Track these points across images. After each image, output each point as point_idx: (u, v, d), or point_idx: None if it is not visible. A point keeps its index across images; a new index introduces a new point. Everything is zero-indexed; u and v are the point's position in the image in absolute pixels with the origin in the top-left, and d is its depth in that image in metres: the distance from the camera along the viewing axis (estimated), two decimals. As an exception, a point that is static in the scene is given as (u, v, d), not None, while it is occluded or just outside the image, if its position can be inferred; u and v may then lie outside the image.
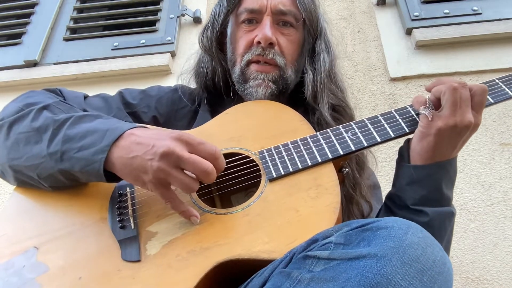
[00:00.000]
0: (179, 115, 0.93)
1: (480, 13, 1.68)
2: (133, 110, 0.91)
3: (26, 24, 1.99)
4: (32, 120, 0.74)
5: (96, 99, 0.92)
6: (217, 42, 0.94)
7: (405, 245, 0.47)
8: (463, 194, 1.39)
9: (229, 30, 0.93)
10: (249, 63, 0.87)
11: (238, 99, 0.93)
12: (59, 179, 0.71)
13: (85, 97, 0.91)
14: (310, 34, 0.92)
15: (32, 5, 2.06)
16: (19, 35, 1.97)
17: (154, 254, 0.63)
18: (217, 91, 0.96)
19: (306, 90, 0.88)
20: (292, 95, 0.93)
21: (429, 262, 0.48)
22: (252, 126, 0.80)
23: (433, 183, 0.73)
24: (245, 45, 0.87)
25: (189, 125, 0.91)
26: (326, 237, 0.52)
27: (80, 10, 2.06)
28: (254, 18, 0.88)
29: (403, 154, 0.77)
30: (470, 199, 1.38)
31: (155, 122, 0.91)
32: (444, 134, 0.69)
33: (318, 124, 0.86)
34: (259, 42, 0.84)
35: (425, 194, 0.73)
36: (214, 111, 0.91)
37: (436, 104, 0.71)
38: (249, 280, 0.58)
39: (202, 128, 0.83)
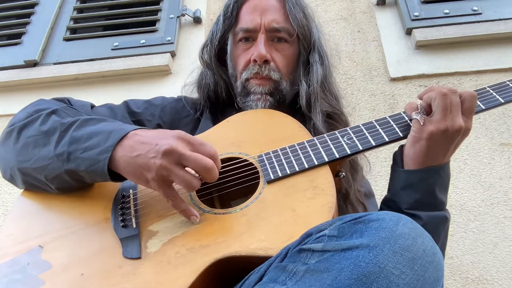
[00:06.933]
0: (182, 123, 0.97)
1: (480, 13, 1.68)
2: (138, 118, 0.94)
3: (26, 24, 1.99)
4: (41, 124, 0.76)
5: (102, 108, 0.95)
6: (216, 58, 0.99)
7: (396, 235, 0.49)
8: (463, 194, 1.39)
9: (228, 48, 0.99)
10: (247, 79, 0.93)
11: (241, 109, 0.97)
12: (65, 179, 0.73)
13: (92, 106, 0.95)
14: (304, 47, 0.96)
15: (32, 5, 2.06)
16: (19, 35, 1.96)
17: (154, 252, 0.64)
18: (219, 101, 1.01)
19: (300, 100, 0.93)
20: (292, 105, 0.97)
21: (420, 251, 0.49)
22: (252, 133, 0.82)
23: (426, 187, 0.74)
24: (243, 63, 0.93)
25: (192, 132, 0.94)
26: (320, 231, 0.53)
27: (80, 10, 2.06)
28: (250, 36, 0.93)
29: (397, 159, 0.79)
30: (470, 199, 1.38)
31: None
32: (435, 138, 0.71)
33: (314, 131, 0.90)
34: (255, 60, 0.90)
35: (419, 198, 0.74)
36: (216, 119, 0.95)
37: (428, 111, 0.73)
38: (246, 277, 0.58)
39: (204, 135, 0.85)
